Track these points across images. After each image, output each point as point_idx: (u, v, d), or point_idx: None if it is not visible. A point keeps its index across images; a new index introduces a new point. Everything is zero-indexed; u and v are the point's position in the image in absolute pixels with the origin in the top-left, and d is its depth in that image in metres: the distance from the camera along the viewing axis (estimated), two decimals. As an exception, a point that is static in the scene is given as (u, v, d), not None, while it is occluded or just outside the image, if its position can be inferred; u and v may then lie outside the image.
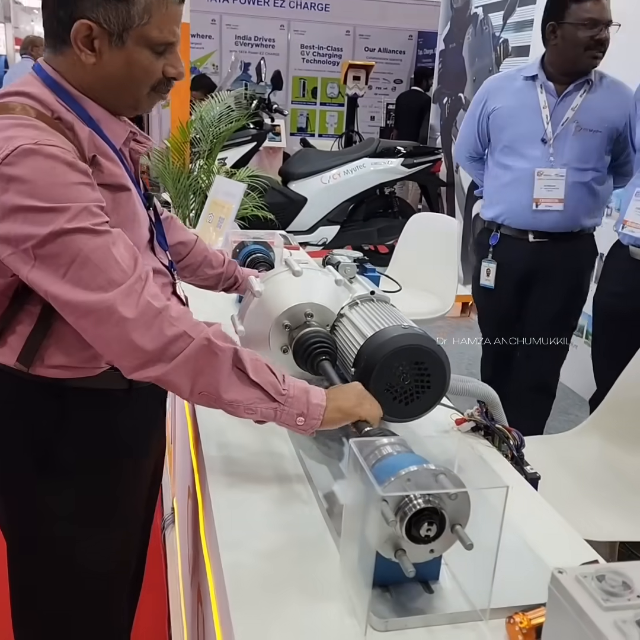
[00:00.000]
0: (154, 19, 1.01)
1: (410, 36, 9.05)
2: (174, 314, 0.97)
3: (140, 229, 1.10)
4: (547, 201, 2.38)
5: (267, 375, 1.01)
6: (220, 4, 8.16)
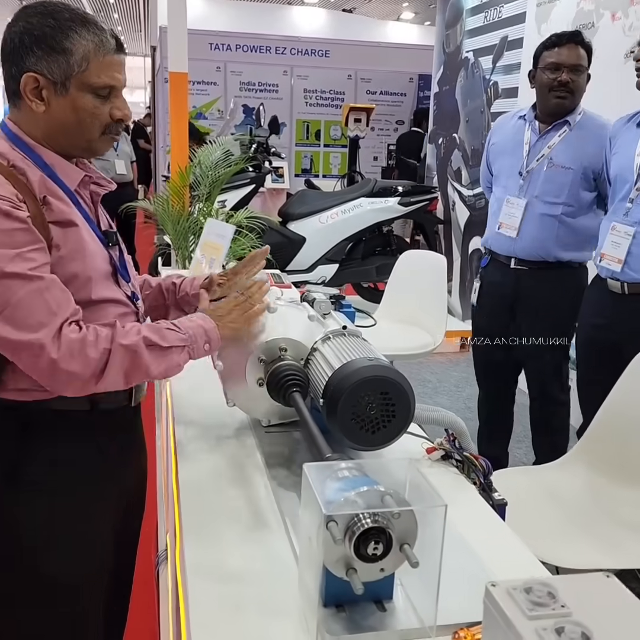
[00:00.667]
0: (92, 66, 1.14)
1: (410, 79, 9.26)
2: (92, 337, 1.09)
3: (93, 262, 1.19)
4: (506, 226, 2.55)
5: (171, 334, 1.19)
6: (224, 52, 8.42)
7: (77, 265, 1.16)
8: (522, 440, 3.35)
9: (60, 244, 1.14)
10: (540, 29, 3.82)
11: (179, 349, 1.19)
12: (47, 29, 1.13)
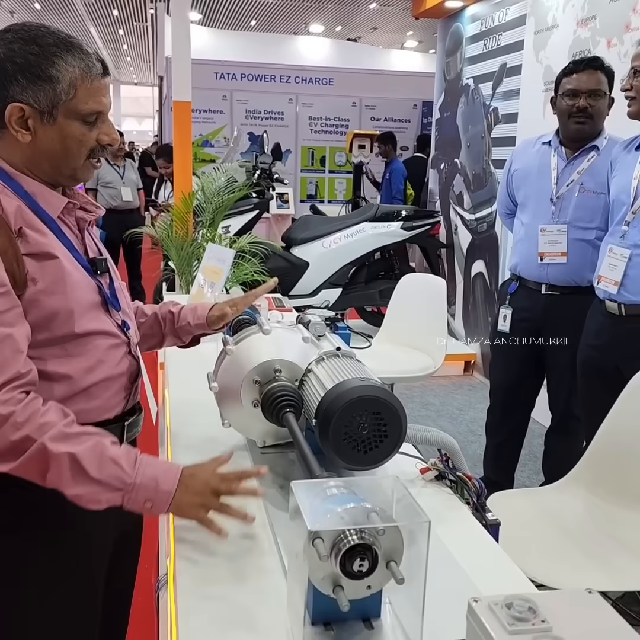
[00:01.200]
0: (79, 93, 1.10)
1: (414, 105, 9.38)
2: (21, 419, 0.99)
3: (76, 294, 1.13)
4: (551, 254, 2.55)
5: (110, 469, 1.02)
6: (229, 81, 8.57)
7: (58, 299, 1.11)
8: (525, 464, 3.34)
9: (37, 278, 1.08)
10: (538, 56, 3.88)
11: (109, 487, 1.02)
12: (30, 57, 1.08)
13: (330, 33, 13.48)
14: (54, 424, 1.02)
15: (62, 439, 1.02)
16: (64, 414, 1.06)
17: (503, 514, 1.40)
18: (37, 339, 1.09)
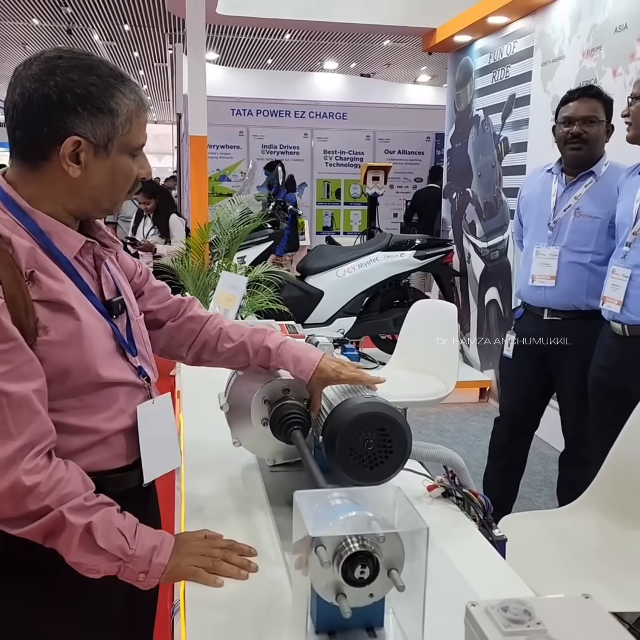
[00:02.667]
0: (133, 127, 1.07)
1: (427, 137, 9.49)
2: (44, 489, 0.97)
3: (92, 345, 1.07)
4: (542, 277, 2.58)
5: (116, 539, 1.01)
6: (246, 117, 8.75)
7: (72, 351, 1.04)
8: (541, 490, 3.32)
9: (49, 327, 1.01)
10: (546, 87, 3.95)
11: (111, 557, 1.00)
12: (92, 88, 1.02)
13: (344, 69, 13.74)
14: (76, 495, 1.00)
15: (82, 510, 1.00)
16: (85, 484, 1.03)
17: (513, 534, 1.40)
18: (55, 391, 1.04)
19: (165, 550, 1.05)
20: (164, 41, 11.97)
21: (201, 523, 1.25)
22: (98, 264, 1.16)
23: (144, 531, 1.06)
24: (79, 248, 1.10)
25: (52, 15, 10.63)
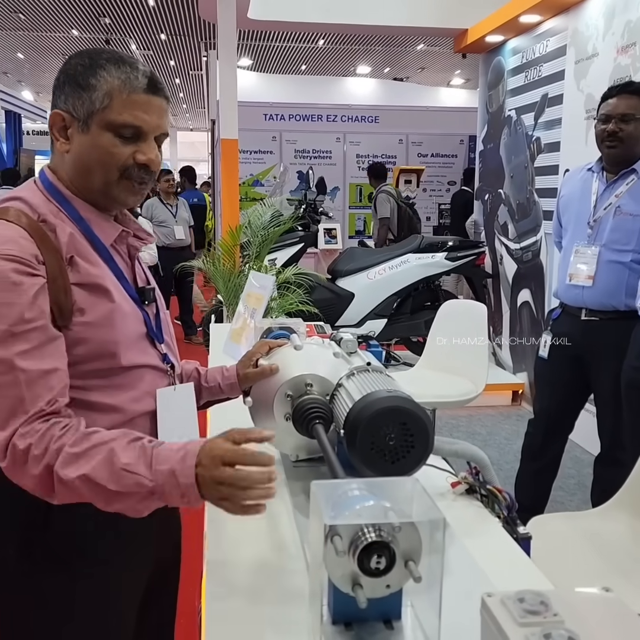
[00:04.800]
0: (114, 103, 1.08)
1: (461, 140, 9.42)
2: (38, 451, 0.96)
3: (125, 328, 1.12)
4: (579, 277, 2.54)
5: (126, 479, 0.95)
6: (278, 122, 8.81)
7: (106, 332, 1.09)
8: (574, 493, 3.26)
9: (85, 308, 1.06)
10: (580, 85, 3.90)
11: (136, 495, 0.96)
12: (79, 67, 1.10)
13: (378, 74, 13.74)
14: (64, 447, 0.97)
15: (71, 461, 0.96)
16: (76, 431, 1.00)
17: (541, 534, 1.39)
18: (83, 370, 1.07)
19: (187, 468, 0.95)
20: (199, 49, 12.14)
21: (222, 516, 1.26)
22: (132, 253, 1.22)
23: (162, 453, 0.97)
24: (115, 236, 1.16)
25: (91, 26, 10.86)
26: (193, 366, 1.44)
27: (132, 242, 1.21)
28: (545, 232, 4.24)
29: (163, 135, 1.16)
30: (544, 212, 4.27)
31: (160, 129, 1.14)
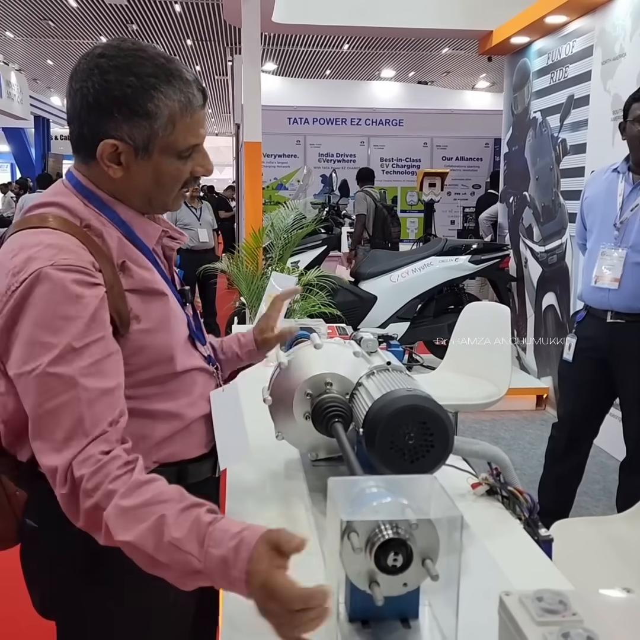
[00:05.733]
0: (178, 128, 1.02)
1: (486, 144, 9.37)
2: (90, 485, 0.89)
3: (178, 329, 1.10)
4: (605, 279, 2.51)
5: (174, 554, 0.85)
6: (302, 126, 8.83)
7: (163, 337, 1.06)
8: (600, 499, 3.21)
9: (140, 315, 1.03)
10: (606, 86, 3.85)
11: (182, 571, 0.86)
12: (128, 90, 0.98)
13: (402, 78, 13.72)
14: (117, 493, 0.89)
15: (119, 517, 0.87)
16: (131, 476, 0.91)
17: (564, 538, 1.37)
18: (141, 379, 1.05)
19: (238, 561, 0.84)
20: (224, 54, 12.24)
21: (241, 517, 1.26)
22: (168, 254, 1.18)
23: (217, 536, 0.85)
24: (157, 237, 1.12)
25: (118, 32, 11.01)
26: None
27: (166, 242, 1.17)
28: (571, 235, 4.19)
29: None
30: (570, 215, 4.23)
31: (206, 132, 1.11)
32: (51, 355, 0.91)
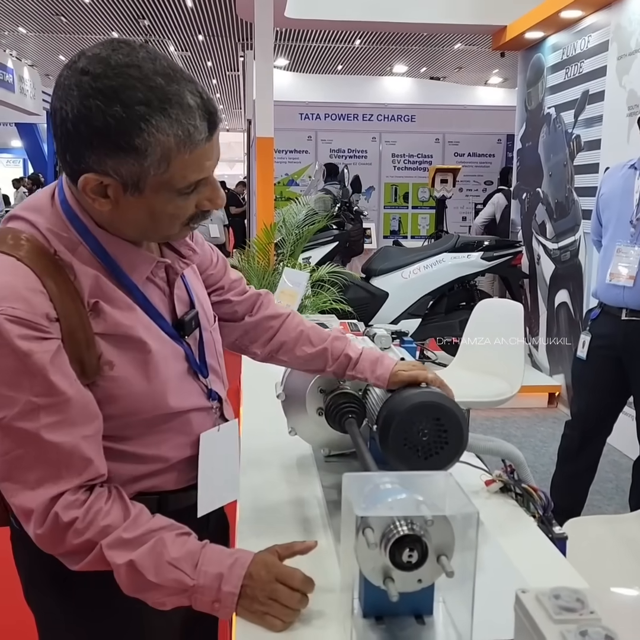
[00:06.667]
0: (174, 166, 0.86)
1: (499, 140, 9.32)
2: (82, 525, 0.89)
3: (162, 373, 0.99)
4: (620, 277, 2.50)
5: (169, 573, 0.90)
6: (314, 121, 8.81)
7: (142, 384, 0.96)
8: (612, 498, 3.20)
9: (114, 361, 0.93)
10: (622, 81, 3.82)
11: (170, 590, 0.91)
12: (111, 121, 0.82)
13: (414, 73, 13.67)
14: (114, 528, 0.91)
15: (120, 545, 0.90)
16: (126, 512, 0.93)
17: (576, 536, 1.36)
18: (121, 424, 0.97)
19: (234, 576, 0.92)
20: (236, 50, 12.23)
21: (255, 514, 1.26)
22: (172, 279, 1.04)
23: (210, 555, 0.93)
24: (149, 271, 0.99)
25: (130, 28, 11.03)
26: (343, 349, 1.26)
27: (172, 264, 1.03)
28: (585, 232, 4.16)
29: None
30: (583, 211, 4.20)
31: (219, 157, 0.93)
32: (15, 408, 0.85)
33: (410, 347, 1.64)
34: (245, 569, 0.93)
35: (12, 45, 12.63)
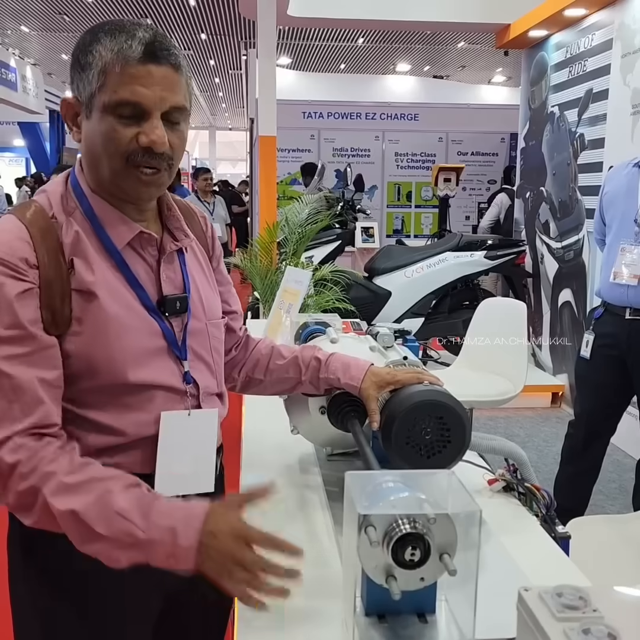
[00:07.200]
0: (108, 80, 0.95)
1: (502, 139, 9.30)
2: (26, 469, 0.90)
3: (124, 340, 1.00)
4: (624, 276, 2.49)
5: (119, 523, 0.87)
6: (317, 120, 8.81)
7: (99, 345, 0.98)
8: (616, 498, 3.19)
9: (82, 317, 0.98)
10: (626, 79, 3.81)
11: (121, 543, 0.88)
12: (80, 45, 0.99)
13: (418, 72, 13.66)
14: (57, 474, 0.90)
15: (62, 491, 0.89)
16: (73, 462, 0.93)
17: (579, 536, 1.35)
18: (82, 387, 0.99)
19: (189, 530, 0.87)
20: (238, 48, 12.23)
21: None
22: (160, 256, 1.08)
23: (163, 508, 0.89)
24: (129, 238, 1.04)
25: (133, 26, 11.01)
26: (312, 353, 1.29)
27: (165, 244, 1.08)
28: (588, 231, 4.15)
29: (176, 110, 0.99)
30: (587, 210, 4.19)
31: (168, 102, 0.97)
32: None
33: (413, 346, 1.63)
34: (201, 523, 0.88)
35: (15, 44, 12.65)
